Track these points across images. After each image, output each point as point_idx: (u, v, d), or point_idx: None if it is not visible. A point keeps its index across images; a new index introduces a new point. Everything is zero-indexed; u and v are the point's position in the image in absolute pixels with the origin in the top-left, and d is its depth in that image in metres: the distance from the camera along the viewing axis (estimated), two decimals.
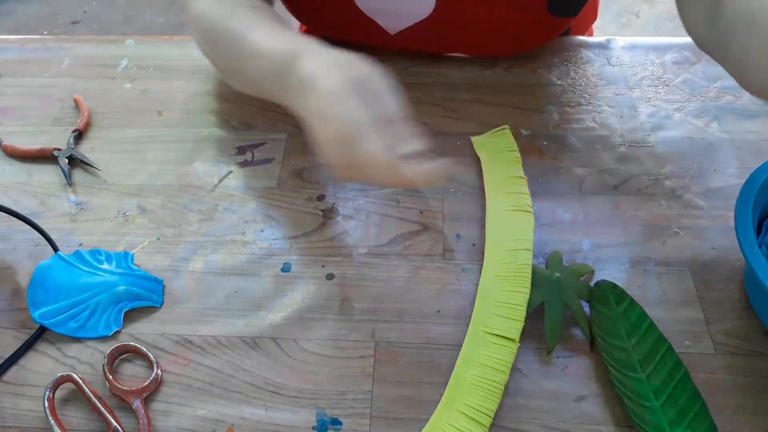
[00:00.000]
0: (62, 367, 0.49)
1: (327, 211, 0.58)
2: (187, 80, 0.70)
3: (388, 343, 0.49)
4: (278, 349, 0.49)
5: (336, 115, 0.43)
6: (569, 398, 0.46)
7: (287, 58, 0.47)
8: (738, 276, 0.52)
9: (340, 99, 0.43)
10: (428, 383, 0.47)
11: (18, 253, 0.56)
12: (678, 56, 0.70)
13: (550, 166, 0.60)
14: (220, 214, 0.58)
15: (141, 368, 0.49)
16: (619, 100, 0.66)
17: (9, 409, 0.47)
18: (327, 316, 0.51)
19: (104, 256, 0.55)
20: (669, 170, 0.59)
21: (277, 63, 0.48)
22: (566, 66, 0.70)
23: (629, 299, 0.49)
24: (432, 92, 0.67)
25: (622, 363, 0.46)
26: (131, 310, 0.51)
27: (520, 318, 0.47)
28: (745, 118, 0.63)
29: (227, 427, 0.45)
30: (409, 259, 0.54)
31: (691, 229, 0.55)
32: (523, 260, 0.51)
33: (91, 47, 0.75)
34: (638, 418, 0.43)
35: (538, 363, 0.48)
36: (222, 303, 0.52)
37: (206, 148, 0.63)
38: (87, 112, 0.66)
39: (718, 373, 0.46)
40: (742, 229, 0.45)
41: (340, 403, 0.46)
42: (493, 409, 0.44)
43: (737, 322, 0.49)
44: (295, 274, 0.53)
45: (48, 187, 0.61)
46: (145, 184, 0.61)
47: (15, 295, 0.53)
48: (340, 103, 0.43)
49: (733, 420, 0.44)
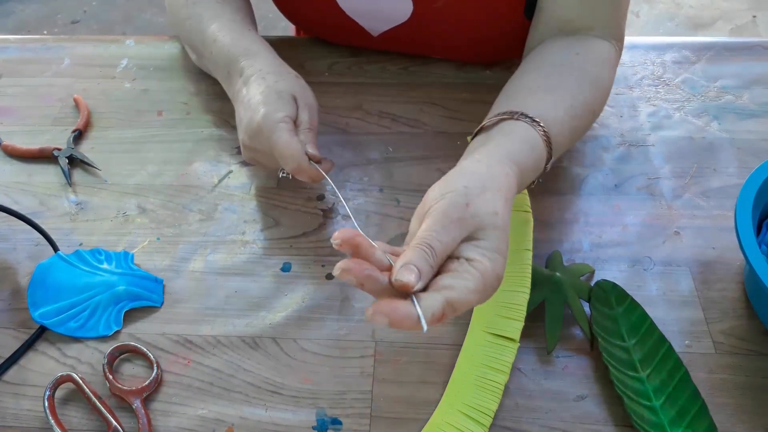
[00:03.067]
0: (62, 367, 0.49)
1: (327, 211, 0.58)
2: (187, 80, 0.70)
3: (388, 343, 0.49)
4: (278, 349, 0.49)
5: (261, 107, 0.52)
6: (569, 398, 0.46)
7: (241, 51, 0.57)
8: (738, 276, 0.52)
9: (273, 96, 0.52)
10: (428, 383, 0.47)
11: (18, 253, 0.56)
12: (678, 56, 0.70)
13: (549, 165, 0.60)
14: (220, 214, 0.58)
15: (141, 368, 0.49)
16: (619, 100, 0.66)
17: (9, 409, 0.47)
18: (327, 316, 0.51)
19: (104, 256, 0.55)
20: (669, 170, 0.59)
21: (230, 53, 0.58)
22: None
23: (629, 299, 0.49)
24: (431, 92, 0.67)
25: (623, 362, 0.46)
26: (131, 310, 0.51)
27: (520, 318, 0.47)
28: (745, 118, 0.63)
29: (227, 427, 0.45)
30: None
31: (691, 229, 0.55)
32: (523, 260, 0.50)
33: (91, 47, 0.75)
34: (638, 418, 0.43)
35: (538, 363, 0.47)
36: (222, 303, 0.52)
37: (206, 148, 0.63)
38: (87, 112, 0.66)
39: (718, 373, 0.46)
40: (742, 229, 0.45)
41: (340, 403, 0.46)
42: (493, 409, 0.44)
43: (737, 322, 0.49)
44: (295, 274, 0.53)
45: (48, 187, 0.61)
46: (145, 184, 0.61)
47: (15, 295, 0.53)
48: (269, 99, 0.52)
49: (733, 420, 0.44)
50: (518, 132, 0.47)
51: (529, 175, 0.47)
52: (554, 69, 0.53)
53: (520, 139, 0.47)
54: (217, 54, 0.59)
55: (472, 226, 0.39)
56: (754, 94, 0.65)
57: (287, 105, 0.53)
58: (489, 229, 0.39)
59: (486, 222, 0.39)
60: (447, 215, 0.38)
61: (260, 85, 0.54)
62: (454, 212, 0.39)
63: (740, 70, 0.68)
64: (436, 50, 0.69)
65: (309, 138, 0.52)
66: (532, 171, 0.47)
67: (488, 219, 0.39)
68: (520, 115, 0.47)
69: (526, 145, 0.46)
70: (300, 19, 0.71)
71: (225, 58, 0.58)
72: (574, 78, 0.53)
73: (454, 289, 0.36)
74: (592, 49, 0.55)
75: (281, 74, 0.55)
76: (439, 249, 0.37)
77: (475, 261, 0.37)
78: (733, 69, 0.68)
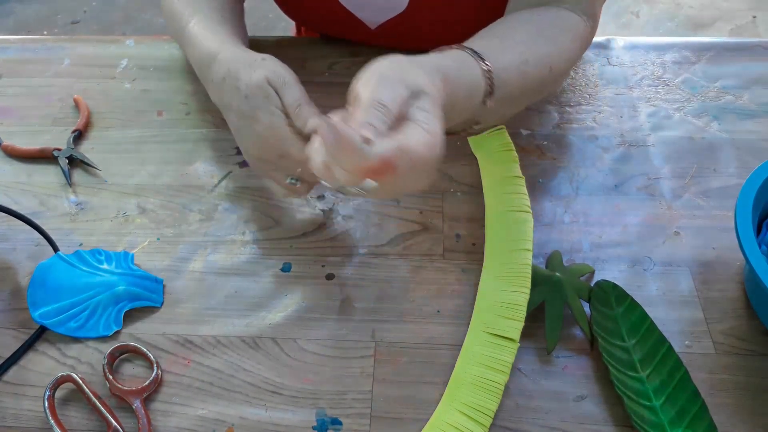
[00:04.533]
0: (62, 367, 0.49)
1: (327, 211, 0.58)
2: (186, 80, 0.70)
3: (388, 343, 0.49)
4: (278, 349, 0.49)
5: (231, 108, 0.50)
6: (569, 398, 0.46)
7: (210, 55, 0.54)
8: (738, 276, 0.52)
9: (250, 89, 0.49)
10: (428, 383, 0.47)
11: (18, 253, 0.56)
12: (678, 56, 0.70)
13: (550, 166, 0.60)
14: (220, 214, 0.58)
15: (141, 368, 0.49)
16: (619, 100, 0.66)
17: (9, 409, 0.47)
18: (327, 316, 0.51)
19: (104, 256, 0.55)
20: (669, 170, 0.59)
21: (203, 58, 0.55)
22: None
23: (629, 299, 0.49)
24: None
25: (623, 363, 0.46)
26: (131, 310, 0.51)
27: (520, 318, 0.47)
28: (745, 118, 0.63)
29: (227, 427, 0.45)
30: (409, 259, 0.54)
31: (691, 229, 0.55)
32: (523, 260, 0.50)
33: (91, 47, 0.75)
34: (638, 418, 0.43)
35: (538, 363, 0.47)
36: (222, 303, 0.52)
37: (206, 148, 0.63)
38: (87, 112, 0.66)
39: (718, 373, 0.46)
40: (742, 229, 0.45)
41: (340, 403, 0.46)
42: (493, 409, 0.44)
43: (737, 322, 0.49)
44: (295, 274, 0.53)
45: (48, 187, 0.61)
46: (145, 184, 0.61)
47: (15, 295, 0.53)
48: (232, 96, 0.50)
49: (733, 420, 0.44)
50: (451, 54, 0.48)
51: (460, 92, 0.46)
52: (511, 23, 0.55)
53: (452, 58, 0.47)
54: (193, 59, 0.57)
55: (414, 85, 0.40)
56: (754, 95, 0.65)
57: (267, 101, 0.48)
58: (427, 93, 0.40)
59: (423, 84, 0.40)
60: (384, 74, 0.40)
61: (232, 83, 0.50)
62: (389, 71, 0.40)
63: (740, 70, 0.68)
64: (433, 42, 0.69)
65: (305, 112, 0.48)
66: (463, 89, 0.46)
67: (423, 81, 0.41)
68: (461, 46, 0.48)
69: (456, 62, 0.47)
70: (297, 12, 0.72)
71: (198, 66, 0.56)
72: (528, 32, 0.54)
73: (407, 136, 0.38)
74: (558, 16, 0.56)
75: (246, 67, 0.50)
76: (389, 105, 0.38)
77: (421, 120, 0.39)
78: (733, 69, 0.68)
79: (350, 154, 0.36)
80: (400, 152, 0.37)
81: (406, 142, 0.37)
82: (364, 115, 0.38)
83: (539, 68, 0.53)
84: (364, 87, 0.40)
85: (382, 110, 0.38)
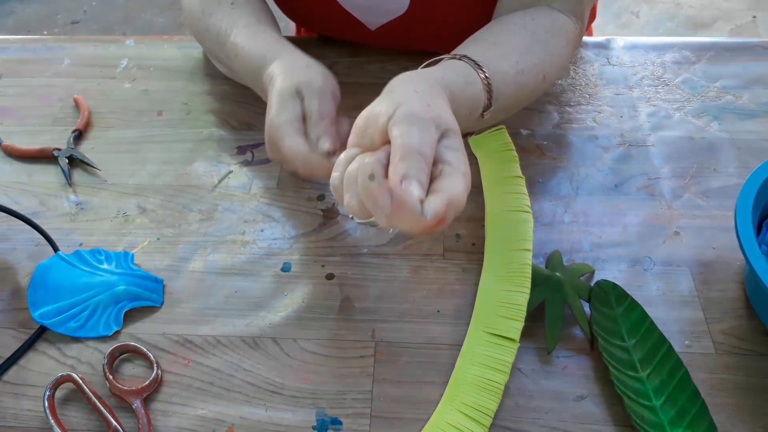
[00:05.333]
0: (62, 367, 0.49)
1: (327, 211, 0.58)
2: (187, 80, 0.70)
3: (388, 343, 0.49)
4: (278, 349, 0.49)
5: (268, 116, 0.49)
6: (569, 398, 0.46)
7: (260, 62, 0.54)
8: (738, 276, 0.52)
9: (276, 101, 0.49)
10: (428, 383, 0.47)
11: (18, 253, 0.56)
12: (678, 56, 0.70)
13: (549, 165, 0.60)
14: (220, 214, 0.58)
15: (141, 368, 0.49)
16: (619, 100, 0.66)
17: (9, 409, 0.47)
18: (327, 316, 0.51)
19: (104, 256, 0.55)
20: (669, 170, 0.59)
21: (252, 65, 0.55)
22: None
23: (629, 299, 0.49)
24: None
25: (623, 363, 0.46)
26: (131, 310, 0.51)
27: (520, 318, 0.47)
28: (745, 118, 0.63)
29: (227, 427, 0.45)
30: (409, 259, 0.54)
31: (691, 229, 0.55)
32: (523, 260, 0.50)
33: (91, 47, 0.75)
34: (638, 418, 0.43)
35: (538, 363, 0.47)
36: (222, 303, 0.52)
37: (206, 148, 0.63)
38: (87, 112, 0.66)
39: (718, 373, 0.46)
40: (742, 229, 0.45)
41: (340, 403, 0.46)
42: (493, 409, 0.44)
43: (737, 322, 0.49)
44: (295, 274, 0.53)
45: (48, 187, 0.61)
46: (144, 184, 0.61)
47: (15, 295, 0.53)
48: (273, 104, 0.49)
49: (733, 420, 0.44)
50: (455, 67, 0.47)
51: (463, 110, 0.46)
52: (506, 27, 0.55)
53: (457, 72, 0.47)
54: (240, 70, 0.57)
55: (443, 124, 0.39)
56: (754, 94, 0.65)
57: (288, 104, 0.49)
58: (453, 130, 0.40)
59: (449, 122, 0.40)
60: (419, 117, 0.38)
61: (271, 93, 0.51)
62: (423, 113, 0.39)
63: (740, 70, 0.68)
64: (433, 44, 0.69)
65: (321, 129, 0.48)
66: (466, 106, 0.46)
67: (449, 119, 0.40)
68: (462, 57, 0.48)
69: (461, 77, 0.46)
70: (297, 13, 0.72)
71: (250, 74, 0.56)
72: (523, 38, 0.54)
73: (450, 187, 0.38)
74: (549, 18, 0.56)
75: (287, 71, 0.51)
76: (428, 153, 0.38)
77: (455, 163, 0.39)
78: (733, 69, 0.68)
79: (407, 217, 0.36)
80: (450, 206, 0.37)
81: (451, 194, 0.37)
82: (406, 167, 0.37)
83: (533, 77, 0.54)
84: (397, 128, 0.39)
85: (422, 160, 0.37)
